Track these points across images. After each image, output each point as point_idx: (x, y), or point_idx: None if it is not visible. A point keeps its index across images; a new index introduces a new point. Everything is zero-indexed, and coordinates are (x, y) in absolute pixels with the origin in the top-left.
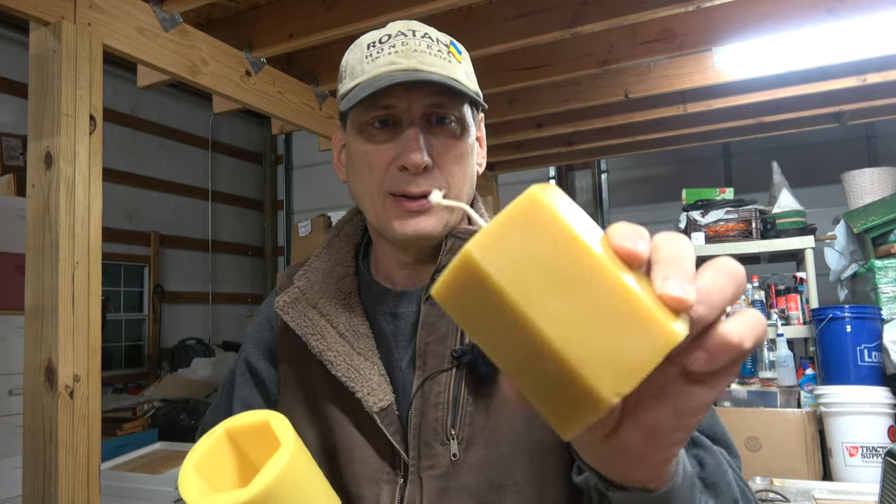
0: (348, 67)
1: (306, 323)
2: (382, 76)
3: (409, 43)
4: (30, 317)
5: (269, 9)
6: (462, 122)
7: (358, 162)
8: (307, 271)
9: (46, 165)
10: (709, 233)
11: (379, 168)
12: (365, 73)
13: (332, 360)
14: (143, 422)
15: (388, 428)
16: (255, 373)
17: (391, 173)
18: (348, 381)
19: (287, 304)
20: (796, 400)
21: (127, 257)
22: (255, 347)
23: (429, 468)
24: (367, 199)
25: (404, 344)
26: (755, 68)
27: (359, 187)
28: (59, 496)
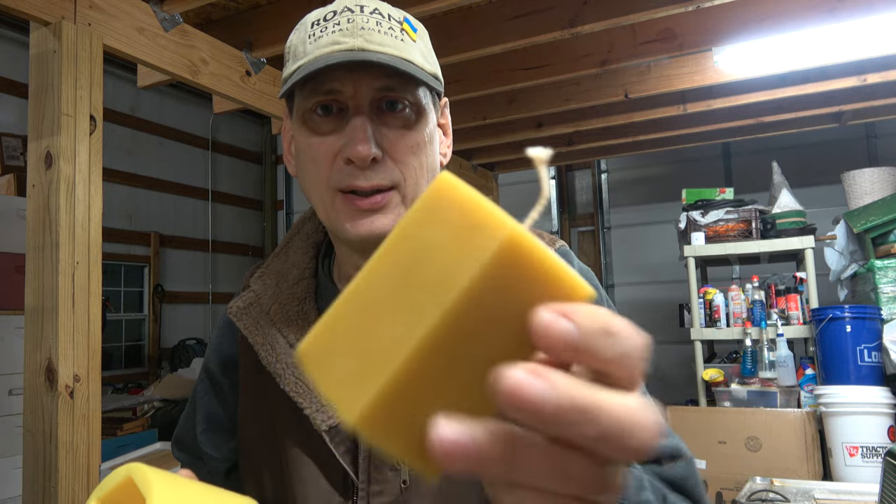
0: (291, 48)
1: (258, 331)
2: (324, 57)
3: (356, 20)
4: (30, 317)
5: (269, 9)
6: (417, 108)
7: (302, 155)
8: (263, 273)
9: (46, 165)
10: (709, 233)
11: (324, 162)
12: (307, 54)
13: (281, 372)
14: (143, 422)
15: (338, 448)
16: (215, 381)
17: (337, 167)
18: (296, 395)
19: (240, 310)
20: (796, 400)
21: (127, 257)
22: (215, 354)
23: (377, 494)
24: (315, 197)
25: None
26: (755, 68)
27: (306, 184)
28: (59, 496)
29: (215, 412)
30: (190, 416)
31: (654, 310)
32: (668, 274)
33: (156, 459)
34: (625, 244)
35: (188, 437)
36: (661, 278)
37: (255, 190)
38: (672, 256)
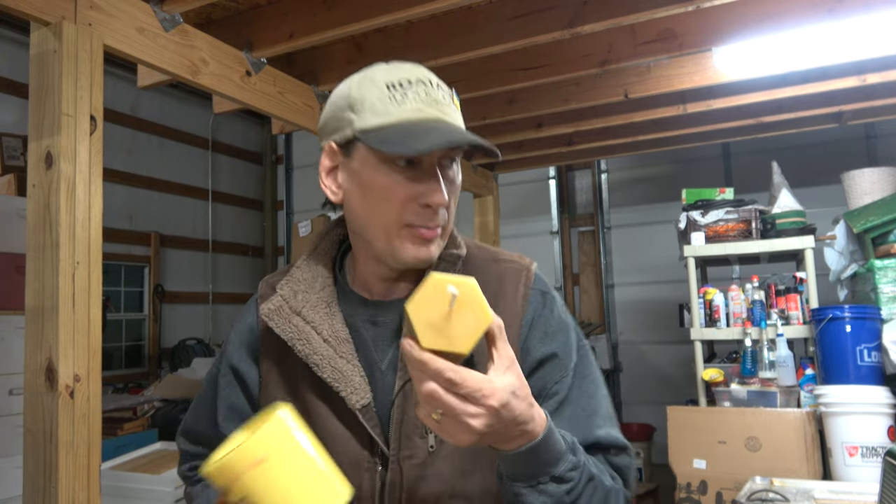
0: (366, 103)
1: (291, 329)
2: (418, 123)
3: (430, 93)
4: (30, 317)
5: (269, 9)
6: (459, 164)
7: (374, 193)
8: (289, 281)
9: (47, 165)
10: (709, 233)
11: (398, 202)
12: (391, 114)
13: (318, 363)
14: (143, 422)
15: (369, 423)
16: (239, 375)
17: (412, 208)
18: (333, 381)
19: (272, 312)
20: (796, 400)
21: (127, 257)
22: (238, 351)
23: (408, 458)
24: (378, 226)
25: (384, 348)
26: (755, 68)
27: (370, 214)
28: (59, 496)
29: (238, 402)
30: (204, 408)
31: (654, 310)
32: (668, 274)
33: (156, 459)
34: (625, 244)
35: (200, 429)
36: (661, 278)
37: (255, 190)
38: (672, 256)
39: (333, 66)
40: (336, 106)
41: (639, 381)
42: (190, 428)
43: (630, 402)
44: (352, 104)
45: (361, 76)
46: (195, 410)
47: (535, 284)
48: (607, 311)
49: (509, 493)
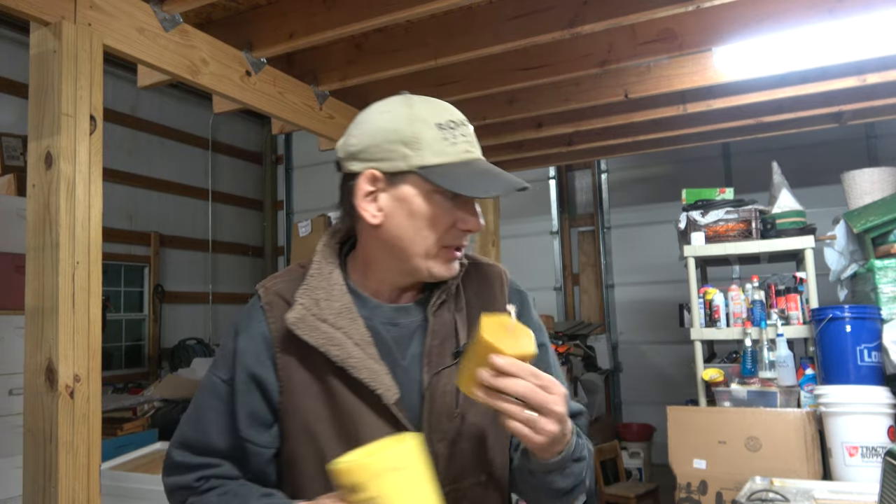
0: (423, 142)
1: (321, 336)
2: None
3: (468, 133)
4: (30, 317)
5: (269, 9)
6: None
7: (422, 219)
8: (307, 290)
9: (47, 165)
10: (709, 233)
11: (443, 228)
12: (448, 154)
13: (355, 365)
14: (143, 422)
15: (401, 413)
16: (258, 381)
17: (452, 233)
18: (370, 381)
19: (298, 320)
20: (796, 400)
21: (127, 257)
22: (254, 359)
23: (441, 439)
24: (419, 247)
25: (404, 347)
26: (755, 68)
27: (414, 236)
28: (59, 496)
29: (258, 409)
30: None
31: (653, 310)
32: (667, 274)
33: (156, 459)
34: (625, 244)
35: (206, 440)
36: (661, 278)
37: (255, 190)
38: (672, 256)
39: (333, 66)
40: (383, 138)
41: (639, 381)
42: (191, 439)
43: (630, 402)
44: (406, 141)
45: (409, 113)
46: (197, 422)
47: (512, 285)
48: (607, 311)
49: (541, 481)
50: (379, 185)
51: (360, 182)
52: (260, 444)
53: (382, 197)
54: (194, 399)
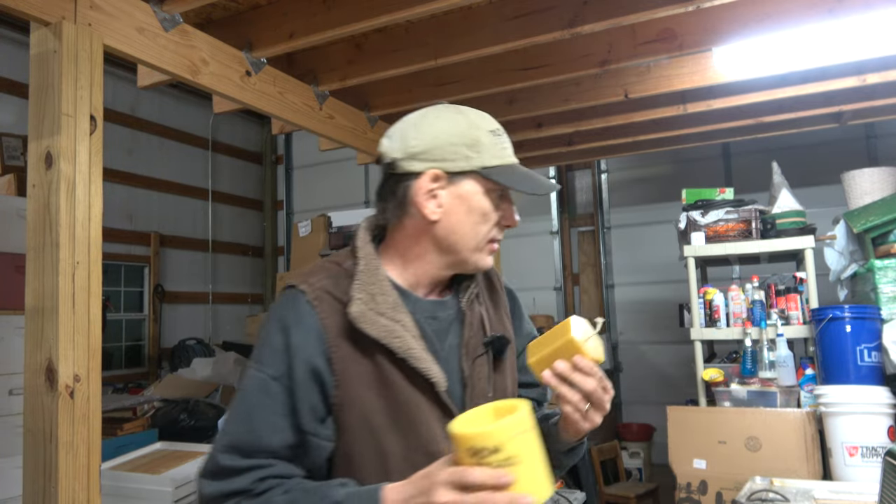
0: (483, 146)
1: (382, 329)
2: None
3: (507, 141)
4: (30, 317)
5: (269, 9)
6: None
7: (478, 214)
8: (362, 285)
9: (47, 165)
10: (709, 233)
11: (492, 222)
12: (502, 158)
13: (415, 356)
14: (143, 422)
15: (449, 401)
16: (318, 375)
17: (496, 228)
18: (426, 371)
19: (360, 314)
20: (796, 400)
21: (127, 257)
22: (312, 353)
23: None
24: (472, 240)
25: (443, 338)
26: (755, 68)
27: (470, 230)
28: (59, 496)
29: (316, 402)
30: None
31: (653, 310)
32: (668, 274)
33: (156, 459)
34: (625, 244)
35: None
36: (661, 278)
37: (255, 190)
38: (672, 256)
39: (333, 66)
40: (446, 141)
41: (639, 381)
42: (241, 441)
43: (630, 402)
44: (468, 144)
45: (467, 120)
46: (247, 422)
47: (505, 282)
48: (607, 311)
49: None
50: (440, 183)
51: (421, 180)
52: (324, 437)
53: (443, 194)
54: (239, 400)
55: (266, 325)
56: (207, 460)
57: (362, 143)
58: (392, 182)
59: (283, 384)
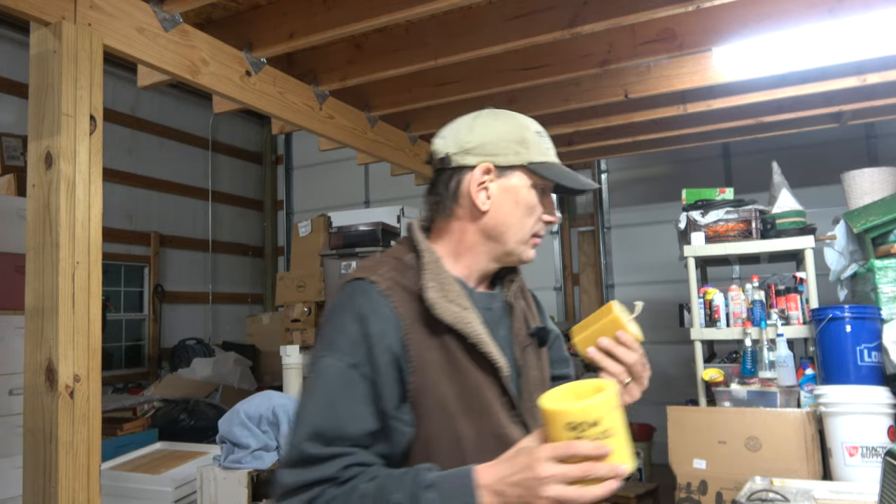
0: (531, 144)
1: (455, 316)
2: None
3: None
4: (30, 317)
5: (269, 9)
6: None
7: (525, 208)
8: (433, 276)
9: (47, 165)
10: (709, 233)
11: (536, 217)
12: (547, 156)
13: (485, 341)
14: (143, 422)
15: (510, 386)
16: (398, 362)
17: (540, 223)
18: (495, 357)
19: (435, 301)
20: (796, 400)
21: (127, 257)
22: (392, 340)
23: (531, 409)
24: (519, 233)
25: (495, 329)
26: (755, 68)
27: (517, 223)
28: (59, 496)
29: (397, 389)
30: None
31: (653, 310)
32: (668, 274)
33: (156, 459)
34: (625, 244)
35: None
36: (661, 278)
37: (255, 190)
38: (672, 256)
39: (333, 66)
40: (499, 137)
41: None
42: (324, 429)
43: None
44: (518, 140)
45: (516, 120)
46: (329, 411)
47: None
48: None
49: None
50: (490, 176)
51: (473, 173)
52: (408, 423)
53: (492, 186)
54: (317, 389)
55: (336, 315)
56: (289, 451)
57: (362, 143)
58: (445, 177)
59: (363, 372)
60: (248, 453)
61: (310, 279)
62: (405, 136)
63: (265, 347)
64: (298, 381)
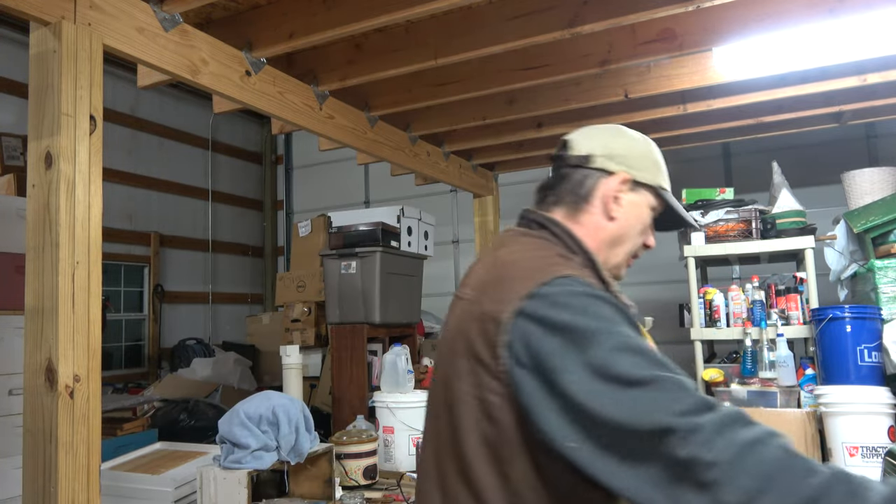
0: (661, 168)
1: (632, 311)
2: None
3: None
4: (30, 317)
5: (269, 9)
6: None
7: (640, 224)
8: (606, 276)
9: (46, 165)
10: (709, 233)
11: (643, 238)
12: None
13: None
14: (143, 422)
15: None
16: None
17: (641, 245)
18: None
19: (620, 297)
20: (796, 400)
21: (127, 257)
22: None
23: None
24: (629, 247)
25: None
26: (755, 68)
27: (630, 237)
28: (59, 496)
29: None
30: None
31: (654, 310)
32: (668, 274)
33: (156, 459)
34: None
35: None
36: (661, 278)
37: (255, 190)
38: (672, 256)
39: (333, 66)
40: (640, 154)
41: None
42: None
43: None
44: (655, 162)
45: (649, 144)
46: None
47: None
48: None
49: None
50: (625, 186)
51: (612, 179)
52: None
53: (623, 198)
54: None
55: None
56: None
57: (362, 143)
58: (579, 174)
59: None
60: (248, 453)
61: (310, 279)
62: (405, 136)
63: (265, 347)
64: (298, 382)
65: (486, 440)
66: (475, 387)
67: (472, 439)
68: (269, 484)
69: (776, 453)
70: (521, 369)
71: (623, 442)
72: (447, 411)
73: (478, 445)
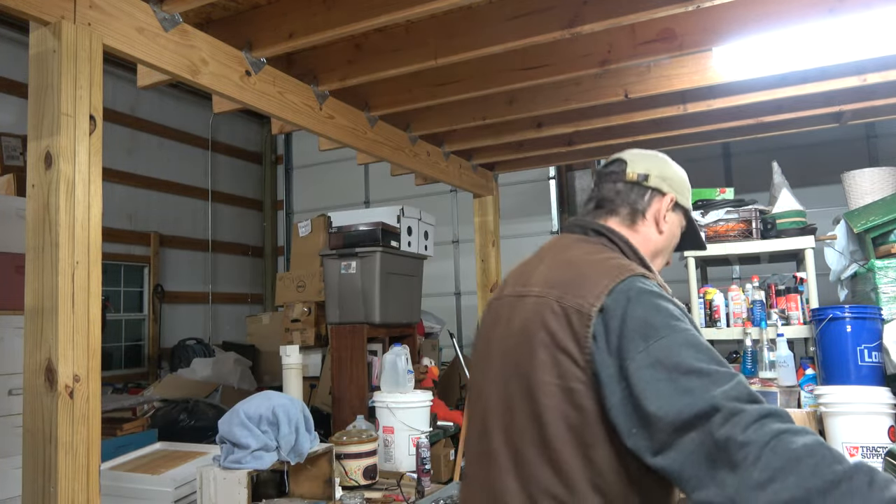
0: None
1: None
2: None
3: None
4: (30, 317)
5: (269, 9)
6: None
7: (671, 242)
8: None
9: (46, 165)
10: (709, 233)
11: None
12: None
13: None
14: (143, 422)
15: None
16: None
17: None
18: None
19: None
20: (796, 400)
21: (127, 257)
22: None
23: None
24: (665, 258)
25: None
26: (755, 68)
27: (668, 249)
28: (59, 496)
29: None
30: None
31: None
32: (668, 274)
33: (156, 459)
34: None
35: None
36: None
37: (255, 190)
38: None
39: (333, 66)
40: (681, 181)
41: None
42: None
43: None
44: (689, 191)
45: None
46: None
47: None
48: None
49: None
50: (669, 206)
51: (664, 199)
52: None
53: (668, 216)
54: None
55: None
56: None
57: (362, 143)
58: (637, 191)
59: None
60: (248, 453)
61: (310, 279)
62: (405, 136)
63: (265, 347)
64: (298, 382)
65: (571, 426)
66: (559, 377)
67: (558, 426)
68: (269, 484)
69: (808, 441)
70: (603, 356)
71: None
72: (527, 402)
73: (563, 431)
